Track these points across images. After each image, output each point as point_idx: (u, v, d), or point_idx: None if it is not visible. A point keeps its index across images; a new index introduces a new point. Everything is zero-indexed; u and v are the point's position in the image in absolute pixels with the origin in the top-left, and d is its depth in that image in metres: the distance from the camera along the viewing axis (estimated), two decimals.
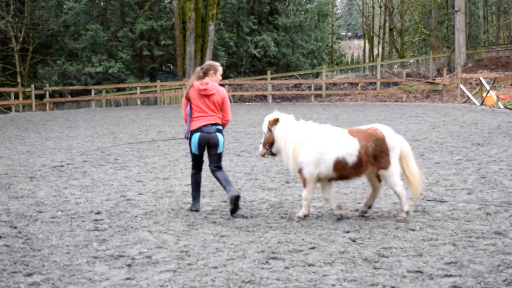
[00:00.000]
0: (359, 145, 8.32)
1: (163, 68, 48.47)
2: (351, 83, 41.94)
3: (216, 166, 9.07)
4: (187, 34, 41.62)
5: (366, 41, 62.87)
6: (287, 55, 47.90)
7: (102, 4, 47.86)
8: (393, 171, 8.43)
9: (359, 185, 10.83)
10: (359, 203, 9.51)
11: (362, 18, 64.70)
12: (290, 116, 8.82)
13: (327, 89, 40.79)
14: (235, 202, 8.67)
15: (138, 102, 38.84)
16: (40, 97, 39.09)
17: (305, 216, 8.64)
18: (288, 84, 42.77)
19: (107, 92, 40.06)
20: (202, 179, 9.60)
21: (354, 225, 8.18)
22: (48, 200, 10.21)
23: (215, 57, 43.96)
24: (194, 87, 9.00)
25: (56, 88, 40.01)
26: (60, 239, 7.75)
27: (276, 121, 8.77)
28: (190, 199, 10.00)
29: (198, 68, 9.27)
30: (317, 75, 45.56)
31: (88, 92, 40.45)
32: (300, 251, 7.03)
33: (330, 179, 8.59)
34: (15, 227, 8.37)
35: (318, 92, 39.77)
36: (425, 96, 38.26)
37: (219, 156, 9.08)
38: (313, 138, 8.49)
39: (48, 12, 45.97)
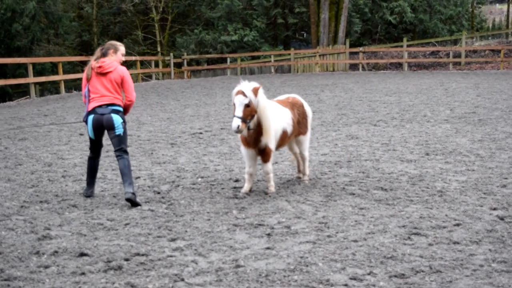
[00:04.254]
0: (292, 114, 8.63)
1: (297, 36, 48.34)
2: (492, 50, 39.77)
3: (118, 150, 8.36)
4: (322, 1, 41.17)
5: (510, 5, 59.24)
6: (424, 21, 46.22)
7: None
8: (309, 136, 9.21)
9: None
10: (505, 178, 8.99)
11: None
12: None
13: (466, 56, 38.95)
14: (130, 203, 8.12)
15: (272, 70, 39.09)
16: (178, 65, 40.46)
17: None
18: (425, 52, 41.28)
19: (242, 60, 40.64)
20: (332, 151, 9.45)
21: (501, 202, 7.74)
22: (188, 166, 10.51)
23: (349, 24, 43.31)
24: (91, 67, 8.42)
25: (193, 56, 41.13)
26: (201, 205, 7.94)
27: (257, 90, 7.86)
28: (326, 169, 9.94)
29: (99, 48, 8.70)
30: (455, 42, 43.56)
31: (223, 60, 41.29)
32: (444, 227, 6.73)
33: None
34: (159, 192, 8.69)
35: (457, 59, 38.06)
36: None
37: (119, 138, 8.34)
38: (272, 112, 8.28)
39: None
